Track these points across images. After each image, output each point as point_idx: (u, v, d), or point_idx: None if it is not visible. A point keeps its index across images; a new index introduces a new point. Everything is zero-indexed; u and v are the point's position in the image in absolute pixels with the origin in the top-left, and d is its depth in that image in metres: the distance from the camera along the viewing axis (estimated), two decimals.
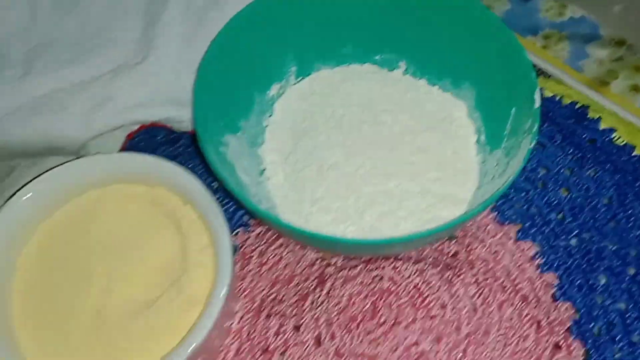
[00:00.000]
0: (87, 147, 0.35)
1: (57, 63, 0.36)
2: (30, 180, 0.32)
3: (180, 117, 0.35)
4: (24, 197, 0.32)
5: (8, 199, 0.32)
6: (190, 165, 0.38)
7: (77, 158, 0.34)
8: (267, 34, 0.35)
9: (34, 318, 0.31)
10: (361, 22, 0.37)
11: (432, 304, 0.34)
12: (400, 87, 0.38)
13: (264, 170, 0.37)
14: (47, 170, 0.33)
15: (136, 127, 0.37)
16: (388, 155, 0.35)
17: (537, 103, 0.30)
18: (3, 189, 0.38)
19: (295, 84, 0.39)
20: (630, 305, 0.34)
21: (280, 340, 0.34)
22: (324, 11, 0.36)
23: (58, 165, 0.33)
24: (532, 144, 0.28)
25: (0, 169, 0.38)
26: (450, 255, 0.36)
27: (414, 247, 0.34)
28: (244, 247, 0.37)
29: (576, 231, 0.37)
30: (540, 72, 0.43)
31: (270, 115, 0.38)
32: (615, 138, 0.40)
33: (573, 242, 0.37)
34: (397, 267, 0.35)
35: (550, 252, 0.36)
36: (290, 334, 0.34)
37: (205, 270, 0.31)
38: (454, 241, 0.37)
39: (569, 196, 0.38)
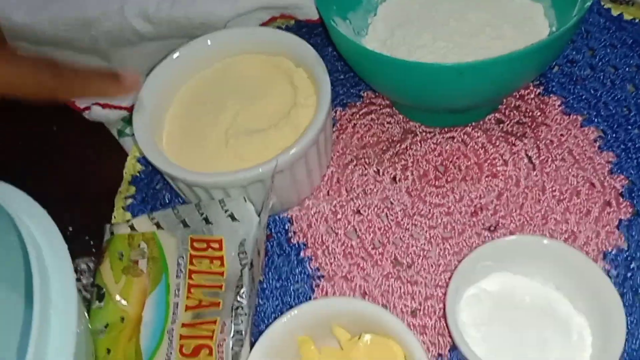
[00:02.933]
0: (229, 26, 0.46)
1: None
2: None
3: (303, 4, 0.45)
4: (174, 56, 0.43)
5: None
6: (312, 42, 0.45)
7: None
8: None
9: (179, 136, 0.41)
10: None
11: (495, 160, 0.40)
12: None
13: None
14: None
15: (268, 18, 0.47)
16: (468, 40, 0.41)
17: None
18: None
19: None
20: None
21: (362, 180, 0.41)
22: None
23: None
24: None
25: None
26: (518, 134, 0.42)
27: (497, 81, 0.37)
28: (340, 121, 0.45)
29: (639, 123, 0.41)
30: (626, 2, 0.47)
31: (375, 14, 0.46)
32: None
33: (636, 132, 0.40)
34: (468, 132, 0.41)
35: (612, 135, 0.40)
36: (371, 176, 0.41)
37: (309, 109, 0.40)
38: (522, 124, 0.42)
39: (635, 93, 0.42)
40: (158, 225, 0.39)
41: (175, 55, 0.43)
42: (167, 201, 0.44)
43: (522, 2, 0.44)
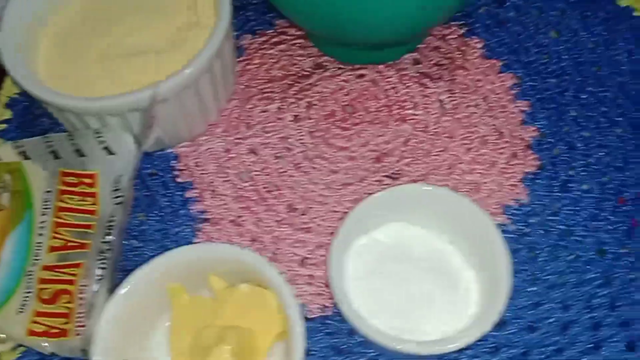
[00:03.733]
0: None
1: None
2: None
3: None
4: None
5: None
6: None
7: None
8: None
9: (57, 55, 0.36)
10: None
11: (405, 103, 0.37)
12: None
13: None
14: None
15: None
16: None
17: None
18: None
19: None
20: (595, 134, 0.36)
21: (263, 116, 0.38)
22: None
23: None
24: None
25: None
26: (434, 76, 0.39)
27: None
28: (248, 49, 0.41)
29: (558, 72, 0.38)
30: None
31: None
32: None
33: (553, 80, 0.38)
34: (381, 71, 0.38)
35: (529, 84, 0.38)
36: (272, 113, 0.38)
37: (206, 31, 0.35)
38: (440, 66, 0.39)
39: (557, 39, 0.39)
40: (25, 155, 0.34)
41: None
42: (47, 129, 0.39)
43: None
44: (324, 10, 0.34)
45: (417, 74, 0.38)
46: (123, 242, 0.34)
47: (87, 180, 0.33)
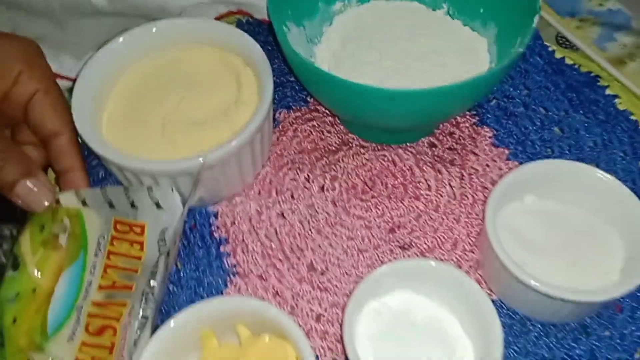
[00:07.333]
0: (186, 13, 0.46)
1: None
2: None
3: (262, 5, 0.46)
4: (120, 40, 0.43)
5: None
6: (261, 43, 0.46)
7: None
8: None
9: (120, 118, 0.41)
10: None
11: (420, 184, 0.42)
12: (438, 22, 0.46)
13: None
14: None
15: (226, 11, 0.47)
16: (412, 63, 0.43)
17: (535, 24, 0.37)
18: None
19: (355, 6, 0.48)
20: None
21: (292, 184, 0.42)
22: None
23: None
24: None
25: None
26: (447, 159, 0.44)
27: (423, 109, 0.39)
28: (283, 123, 0.47)
29: None
30: (569, 45, 0.50)
31: (330, 24, 0.47)
32: (618, 103, 0.46)
33: None
34: (399, 153, 0.43)
35: None
36: (301, 182, 0.43)
37: (249, 108, 0.41)
38: (453, 150, 0.44)
39: (560, 136, 0.44)
40: (84, 203, 0.39)
41: (120, 39, 0.43)
42: (101, 178, 0.44)
43: (470, 34, 0.45)
44: (349, 110, 0.40)
45: (432, 158, 0.43)
46: None
47: (137, 230, 0.38)
